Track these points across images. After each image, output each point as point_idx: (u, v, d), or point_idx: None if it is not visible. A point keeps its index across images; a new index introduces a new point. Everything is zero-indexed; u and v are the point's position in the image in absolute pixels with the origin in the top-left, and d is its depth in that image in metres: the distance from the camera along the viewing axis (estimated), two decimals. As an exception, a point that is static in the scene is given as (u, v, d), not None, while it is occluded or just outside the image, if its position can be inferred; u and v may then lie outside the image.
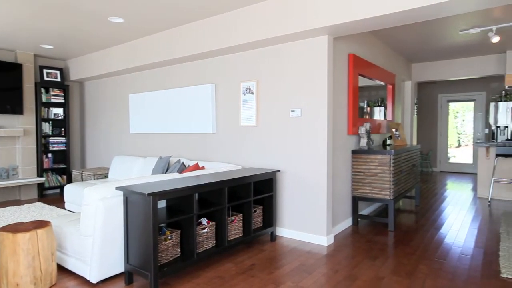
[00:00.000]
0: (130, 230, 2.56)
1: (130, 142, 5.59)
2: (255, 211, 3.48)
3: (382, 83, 5.11)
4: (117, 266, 2.65)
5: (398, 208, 4.98)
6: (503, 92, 7.76)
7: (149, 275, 2.40)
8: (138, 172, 4.85)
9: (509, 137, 7.27)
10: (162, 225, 2.83)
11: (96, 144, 6.31)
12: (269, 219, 3.58)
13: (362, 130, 4.16)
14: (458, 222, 4.24)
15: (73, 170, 5.70)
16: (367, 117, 4.66)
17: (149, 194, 2.35)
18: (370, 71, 4.58)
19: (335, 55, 3.76)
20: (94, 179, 5.33)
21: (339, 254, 3.22)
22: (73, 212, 4.71)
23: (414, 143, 6.95)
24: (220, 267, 2.92)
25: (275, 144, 3.80)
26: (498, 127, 7.34)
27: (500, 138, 7.27)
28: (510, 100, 7.38)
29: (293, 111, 3.63)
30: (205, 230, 2.91)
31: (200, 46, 4.09)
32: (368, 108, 4.71)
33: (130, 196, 2.55)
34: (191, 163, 4.35)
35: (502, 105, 7.38)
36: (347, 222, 4.07)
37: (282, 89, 3.73)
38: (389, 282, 2.62)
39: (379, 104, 5.08)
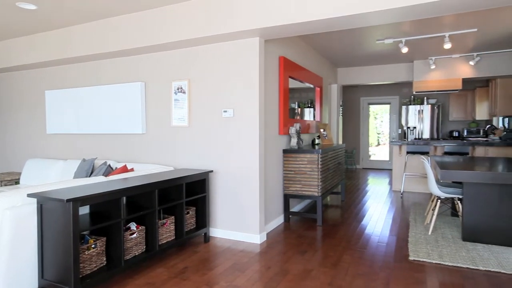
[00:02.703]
0: (45, 241, 2.31)
1: (47, 144, 5.05)
2: (188, 212, 3.41)
3: (311, 86, 5.40)
4: (30, 283, 2.37)
5: (326, 203, 5.31)
6: (412, 96, 8.79)
7: (69, 289, 2.19)
8: (57, 176, 4.40)
9: (417, 137, 8.26)
10: (85, 233, 2.62)
11: (4, 146, 5.57)
12: (203, 220, 3.53)
13: (292, 130, 4.34)
14: (376, 213, 4.68)
15: (-25, 176, 4.96)
16: (298, 117, 4.88)
17: (68, 200, 2.15)
18: (300, 73, 4.80)
19: (267, 57, 3.87)
20: (2, 186, 4.70)
21: (272, 251, 3.31)
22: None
23: (340, 142, 7.49)
24: (150, 273, 2.80)
25: (208, 144, 3.77)
26: (408, 127, 8.29)
27: (410, 137, 8.22)
28: (418, 104, 8.39)
29: (225, 111, 3.64)
30: (134, 235, 2.76)
31: (128, 42, 3.87)
32: (299, 109, 4.94)
33: (45, 203, 2.30)
34: (119, 165, 4.09)
35: (411, 108, 8.34)
36: (279, 220, 4.22)
37: (215, 89, 3.71)
38: (317, 273, 2.78)
39: (309, 105, 5.37)
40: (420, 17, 2.89)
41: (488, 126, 6.91)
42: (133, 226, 2.82)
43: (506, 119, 6.48)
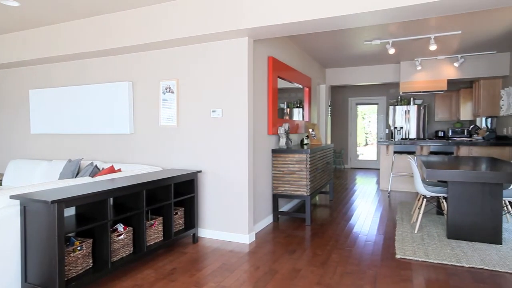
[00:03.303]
0: (29, 244, 2.26)
1: (31, 144, 4.94)
2: (176, 213, 3.39)
3: (300, 86, 5.43)
4: (13, 287, 2.32)
5: (315, 203, 5.35)
6: (399, 97, 8.93)
7: (54, 292, 2.15)
8: (42, 177, 4.31)
9: (404, 137, 8.39)
10: (71, 235, 2.57)
11: (-13, 146, 5.42)
12: (191, 220, 3.51)
13: (281, 130, 4.35)
14: (364, 213, 4.73)
15: (-44, 178, 4.81)
16: (287, 117, 4.89)
17: (53, 202, 2.11)
18: (289, 74, 4.82)
19: (255, 57, 3.87)
20: (-15, 187, 4.58)
21: (261, 250, 3.32)
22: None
23: (328, 142, 7.55)
24: (138, 275, 2.76)
25: (196, 144, 3.75)
26: (395, 127, 8.41)
27: (397, 137, 8.34)
28: (405, 104, 8.52)
29: (214, 111, 3.63)
30: (121, 236, 2.73)
31: (115, 41, 3.82)
32: (288, 109, 4.96)
33: (29, 205, 2.25)
34: (106, 166, 4.03)
35: (398, 108, 8.48)
36: (268, 219, 4.23)
37: (203, 89, 3.69)
38: (306, 272, 2.80)
39: (298, 105, 5.39)
40: (406, 19, 2.94)
41: (472, 126, 7.07)
42: (120, 227, 2.78)
43: (489, 120, 6.64)
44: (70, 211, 2.68)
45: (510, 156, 5.59)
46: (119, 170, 3.70)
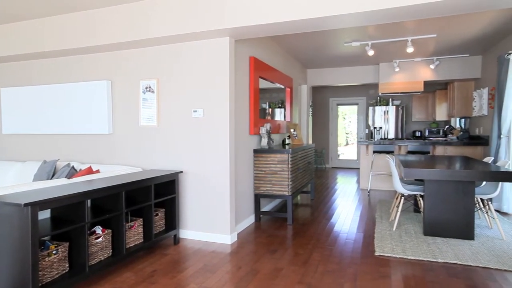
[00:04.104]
0: (0, 248, 2.17)
1: (3, 145, 4.75)
2: (157, 214, 3.34)
3: (282, 86, 5.46)
4: (-16, 292, 2.22)
5: (296, 203, 5.39)
6: (378, 98, 9.13)
7: (28, 298, 2.07)
8: (15, 179, 4.15)
9: (383, 136, 8.59)
10: (45, 238, 2.49)
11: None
12: (172, 222, 3.47)
13: (263, 130, 4.37)
14: (345, 211, 4.81)
15: None
16: (269, 117, 4.91)
17: (26, 204, 2.03)
18: (270, 74, 4.84)
19: (237, 57, 3.87)
20: (-47, 190, 4.36)
21: (242, 251, 3.32)
22: None
23: (310, 142, 7.63)
24: (117, 278, 2.71)
25: (177, 144, 3.71)
26: (375, 127, 8.60)
27: (377, 137, 8.53)
28: (384, 105, 8.73)
29: (195, 111, 3.60)
30: (100, 239, 2.66)
31: (94, 39, 3.72)
32: (270, 109, 4.98)
33: (1, 208, 2.16)
34: (84, 167, 3.93)
35: (378, 109, 8.67)
36: (250, 219, 4.23)
37: (184, 88, 3.66)
38: (287, 272, 2.81)
39: (280, 106, 5.42)
40: (384, 22, 3.01)
41: (447, 127, 7.32)
42: (98, 229, 2.72)
43: (463, 120, 6.90)
44: (45, 214, 2.60)
45: (482, 155, 5.82)
46: (98, 171, 3.61)
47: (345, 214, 4.67)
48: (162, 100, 3.77)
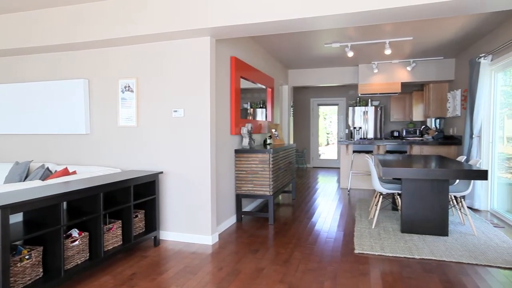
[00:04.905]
0: (-30, 253, 2.07)
1: (-27, 145, 4.53)
2: (136, 216, 3.28)
3: (263, 86, 5.48)
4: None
5: (278, 202, 5.42)
6: (358, 98, 9.31)
7: (-1, 305, 1.99)
8: (-15, 181, 3.97)
9: (363, 136, 8.77)
10: (18, 243, 2.39)
11: None
12: (152, 223, 3.42)
13: (244, 130, 4.37)
14: (325, 210, 4.88)
15: None
16: (250, 118, 4.92)
17: (-3, 208, 1.95)
18: (251, 74, 4.85)
19: (218, 57, 3.85)
20: None
21: (224, 251, 3.30)
22: None
23: (291, 142, 7.69)
24: (94, 282, 2.64)
25: (157, 145, 3.65)
26: (354, 127, 8.76)
27: (356, 137, 8.70)
28: (363, 105, 8.91)
29: (175, 111, 3.55)
30: (76, 242, 2.59)
31: (68, 36, 3.61)
32: (252, 109, 4.99)
33: (-31, 212, 2.06)
34: (59, 168, 3.81)
35: (357, 109, 8.84)
36: (232, 220, 4.22)
37: (165, 88, 3.61)
38: (268, 271, 2.83)
39: (261, 106, 5.44)
40: (362, 24, 3.07)
41: (423, 127, 7.55)
42: (75, 232, 2.64)
43: (438, 120, 7.13)
44: (17, 218, 2.50)
45: (456, 154, 6.04)
46: (74, 173, 3.51)
47: (326, 213, 4.74)
48: (141, 100, 3.70)
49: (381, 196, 3.99)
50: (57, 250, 2.39)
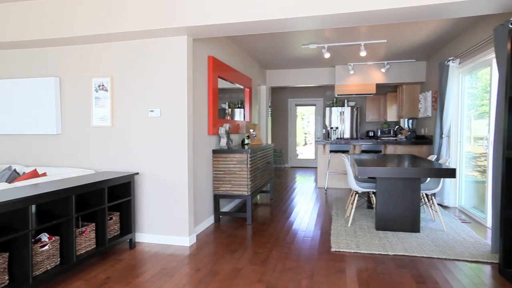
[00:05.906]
0: None
1: None
2: (111, 218, 3.19)
3: (241, 86, 5.47)
4: None
5: (256, 202, 5.43)
6: (335, 99, 9.49)
7: (-39, 316, 1.88)
8: None
9: (339, 136, 8.94)
10: (-18, 249, 2.27)
11: None
12: (128, 225, 3.34)
13: (222, 130, 4.35)
14: (303, 210, 4.94)
15: None
16: (229, 118, 4.90)
17: (-42, 213, 1.84)
18: (229, 74, 4.83)
19: (196, 56, 3.81)
20: None
21: (201, 252, 3.27)
22: None
23: (269, 142, 7.73)
24: (66, 288, 2.55)
25: (133, 145, 3.57)
26: (331, 128, 8.92)
27: (333, 137, 8.85)
28: (340, 106, 9.08)
29: (152, 110, 3.49)
30: (46, 247, 2.49)
31: (37, 32, 3.46)
32: (230, 109, 4.97)
33: None
34: (28, 170, 3.64)
35: (334, 109, 9.00)
36: (209, 220, 4.19)
37: (140, 87, 3.53)
38: (246, 271, 2.83)
39: (239, 106, 5.43)
40: (338, 26, 3.13)
41: (396, 127, 7.79)
42: (44, 237, 2.54)
43: (410, 121, 7.38)
44: (-18, 222, 2.37)
45: (427, 154, 6.28)
46: (44, 174, 3.37)
47: (303, 212, 4.79)
48: (116, 99, 3.61)
49: (357, 194, 4.09)
50: (25, 256, 2.28)
